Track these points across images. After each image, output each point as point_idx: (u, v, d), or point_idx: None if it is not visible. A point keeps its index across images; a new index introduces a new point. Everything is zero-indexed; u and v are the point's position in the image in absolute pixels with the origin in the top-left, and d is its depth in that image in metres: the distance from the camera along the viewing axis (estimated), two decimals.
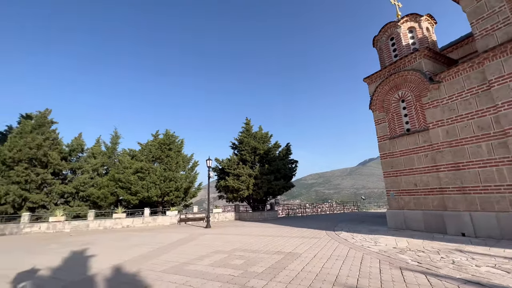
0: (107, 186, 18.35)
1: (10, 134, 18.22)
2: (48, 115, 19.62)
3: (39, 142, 17.27)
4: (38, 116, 19.15)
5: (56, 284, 4.85)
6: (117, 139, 22.01)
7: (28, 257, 7.49)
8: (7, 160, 16.39)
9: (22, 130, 17.97)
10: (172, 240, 9.92)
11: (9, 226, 13.79)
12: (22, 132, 17.90)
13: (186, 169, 21.44)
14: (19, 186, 16.01)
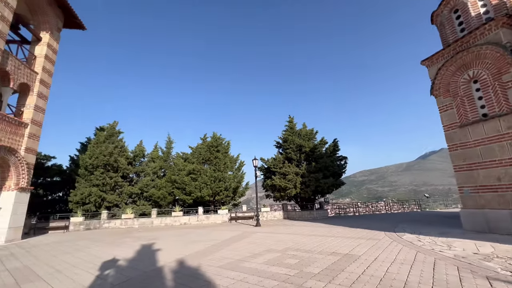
0: (165, 187, 20.30)
1: (89, 144, 21.63)
2: (116, 126, 22.67)
3: (110, 150, 20.08)
4: (109, 127, 22.29)
5: (133, 273, 5.52)
6: (170, 144, 24.18)
7: (109, 249, 8.74)
8: (88, 167, 19.50)
9: (98, 141, 21.14)
10: (225, 238, 10.39)
11: (93, 222, 16.40)
12: (98, 142, 21.05)
13: (234, 169, 22.26)
14: (98, 188, 18.91)
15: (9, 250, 9.38)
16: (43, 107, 13.78)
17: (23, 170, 12.16)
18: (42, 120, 13.69)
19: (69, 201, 19.16)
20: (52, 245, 10.22)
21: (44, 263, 6.83)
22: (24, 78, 12.68)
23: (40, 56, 13.95)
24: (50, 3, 14.36)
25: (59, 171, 21.50)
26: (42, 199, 20.48)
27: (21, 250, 9.27)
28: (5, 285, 5.03)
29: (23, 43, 14.38)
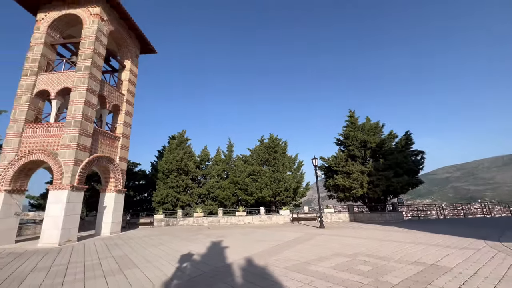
0: (228, 188, 21.64)
1: (164, 151, 24.93)
2: (184, 135, 25.45)
3: (181, 156, 22.64)
4: (179, 136, 25.21)
5: (206, 268, 6.03)
6: (231, 148, 25.66)
7: (185, 244, 9.81)
8: (165, 171, 22.45)
9: (170, 148, 24.14)
10: (289, 238, 10.32)
11: (171, 219, 18.78)
12: (171, 149, 24.04)
13: (292, 169, 22.04)
14: (173, 189, 21.58)
15: (113, 240, 11.57)
16: (130, 122, 16.58)
17: (119, 175, 14.86)
18: (130, 133, 16.48)
19: (152, 201, 22.44)
20: (143, 238, 12.10)
21: (138, 253, 8.13)
22: (115, 100, 15.54)
23: (125, 81, 16.87)
24: (130, 36, 17.23)
25: (143, 176, 25.46)
26: (133, 199, 24.58)
27: (121, 241, 11.30)
28: (112, 269, 6.20)
29: (113, 72, 17.64)
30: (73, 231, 11.31)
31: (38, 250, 9.49)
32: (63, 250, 9.27)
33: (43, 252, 8.97)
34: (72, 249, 9.34)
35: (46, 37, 14.07)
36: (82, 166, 11.98)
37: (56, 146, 12.00)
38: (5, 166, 11.86)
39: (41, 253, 8.78)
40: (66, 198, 11.00)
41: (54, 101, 13.32)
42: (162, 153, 25.77)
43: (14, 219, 11.83)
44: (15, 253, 8.83)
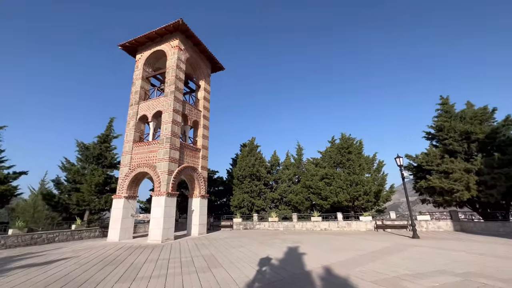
0: (301, 193, 21.29)
1: (237, 159, 26.77)
2: (254, 142, 26.72)
3: (252, 162, 23.80)
4: (249, 143, 26.64)
5: (284, 273, 6.04)
6: (301, 151, 25.30)
7: (263, 248, 10.14)
8: (239, 177, 24.03)
9: (243, 155, 25.72)
10: (374, 248, 9.26)
11: (248, 223, 19.82)
12: (243, 156, 25.61)
13: (371, 170, 19.88)
14: (248, 194, 22.81)
15: (201, 240, 13.07)
16: (207, 135, 18.64)
17: (202, 183, 16.81)
18: (208, 144, 18.50)
19: (230, 205, 24.28)
20: (225, 239, 13.19)
21: (222, 254, 8.91)
22: (195, 117, 17.80)
23: (201, 99, 19.16)
24: (202, 59, 19.56)
25: (221, 182, 27.93)
26: (214, 203, 27.24)
27: (207, 241, 12.65)
28: (202, 267, 6.99)
29: (191, 92, 20.32)
30: (170, 231, 13.41)
31: (147, 245, 11.65)
32: (164, 246, 11.07)
33: (151, 247, 10.95)
34: (171, 246, 11.04)
35: (143, 73, 17.53)
36: (173, 175, 14.15)
37: (154, 160, 14.61)
38: (122, 178, 15.22)
39: (150, 248, 10.73)
40: (164, 203, 13.18)
41: (151, 123, 16.33)
42: (236, 160, 27.69)
43: (131, 219, 14.97)
44: (133, 247, 11.10)
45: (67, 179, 18.85)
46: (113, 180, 19.17)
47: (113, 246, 11.45)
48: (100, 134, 20.31)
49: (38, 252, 10.23)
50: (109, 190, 18.76)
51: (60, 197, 18.10)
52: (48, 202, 17.96)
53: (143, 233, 18.34)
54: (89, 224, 17.04)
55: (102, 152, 19.43)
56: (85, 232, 15.58)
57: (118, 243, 12.60)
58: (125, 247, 11.23)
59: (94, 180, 17.74)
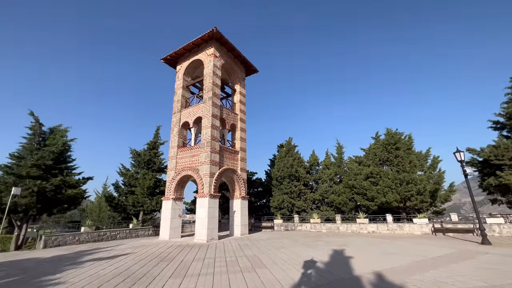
0: (344, 193, 20.24)
1: (275, 160, 26.75)
2: (291, 142, 26.39)
3: (291, 163, 23.52)
4: (286, 143, 26.40)
5: (331, 277, 5.79)
6: (341, 149, 24.11)
7: (306, 250, 9.89)
8: (278, 178, 23.95)
9: (280, 156, 25.59)
10: (434, 254, 8.30)
11: (289, 224, 19.59)
12: (280, 157, 25.48)
13: (425, 168, 17.94)
14: (288, 195, 22.58)
15: (243, 241, 13.34)
16: (245, 137, 19.03)
17: (241, 184, 17.20)
18: (246, 146, 18.88)
19: (270, 206, 24.32)
20: (266, 240, 13.23)
21: (265, 255, 8.95)
22: (232, 120, 18.35)
23: (237, 102, 19.67)
24: (237, 63, 20.10)
25: (260, 183, 28.19)
26: (254, 204, 27.61)
27: (250, 242, 12.85)
28: (246, 267, 7.12)
29: (227, 97, 21.01)
30: (214, 231, 14.00)
31: (194, 244, 12.34)
32: (209, 246, 11.58)
33: (197, 246, 11.57)
34: (215, 246, 11.50)
35: (183, 82, 18.75)
36: (215, 177, 14.76)
37: (197, 163, 15.45)
38: (169, 181, 16.43)
39: (196, 247, 11.35)
40: (207, 204, 13.84)
41: (192, 129, 17.34)
42: (273, 161, 27.68)
43: (179, 220, 16.05)
44: (181, 246, 11.88)
45: (123, 182, 21.12)
46: (161, 183, 20.84)
47: (164, 244, 12.39)
48: (149, 141, 22.31)
49: (104, 248, 11.63)
50: (158, 192, 20.43)
51: (119, 199, 20.37)
52: (109, 203, 20.35)
53: (189, 232, 19.51)
54: (143, 223, 18.79)
55: (151, 158, 21.29)
56: (140, 231, 17.22)
57: (169, 242, 13.61)
58: (174, 245, 12.06)
59: (145, 184, 19.52)
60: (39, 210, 14.45)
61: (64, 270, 7.14)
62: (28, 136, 15.70)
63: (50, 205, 14.83)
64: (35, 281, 6.08)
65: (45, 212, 15.22)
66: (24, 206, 13.33)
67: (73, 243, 13.43)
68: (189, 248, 11.08)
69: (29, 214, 14.14)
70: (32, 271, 7.35)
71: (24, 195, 13.28)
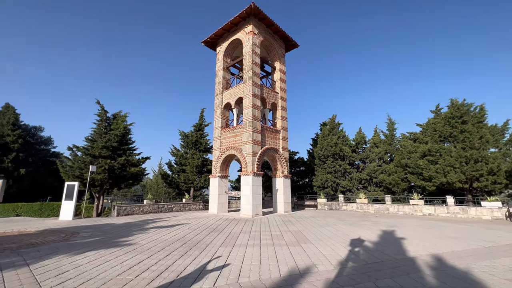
0: (395, 172, 18.72)
1: (317, 138, 25.93)
2: (335, 119, 25.06)
3: (335, 141, 22.52)
4: (330, 121, 25.19)
5: (382, 257, 5.55)
6: (392, 125, 21.98)
7: (352, 229, 9.62)
8: (321, 157, 23.31)
9: (323, 134, 24.66)
10: (509, 241, 7.24)
11: (334, 203, 19.23)
12: (323, 135, 24.56)
13: (500, 144, 15.26)
14: (331, 175, 21.95)
15: (287, 218, 13.62)
16: (286, 116, 18.71)
17: (283, 163, 17.25)
18: (287, 125, 18.62)
19: (313, 185, 24.09)
20: (310, 218, 13.29)
21: (309, 231, 9.01)
22: (272, 99, 18.11)
23: (277, 80, 19.20)
24: (276, 39, 19.36)
25: (302, 162, 27.90)
26: (296, 183, 27.66)
27: (293, 219, 13.06)
28: (291, 241, 7.29)
29: (267, 75, 20.62)
30: (259, 207, 14.57)
31: (240, 218, 13.09)
32: (255, 221, 12.15)
33: (243, 220, 12.24)
34: (260, 221, 12.01)
35: (223, 64, 18.96)
36: (257, 156, 15.08)
37: (240, 143, 15.92)
38: (215, 160, 17.39)
39: (242, 221, 12.02)
40: (251, 181, 14.34)
41: (234, 110, 17.71)
42: (316, 140, 26.89)
43: (225, 196, 17.11)
44: (229, 219, 12.72)
45: (175, 162, 23.20)
46: (208, 162, 22.25)
47: (214, 217, 13.44)
48: (195, 123, 23.69)
49: (163, 218, 13.18)
50: (206, 171, 21.93)
51: (172, 176, 22.57)
52: (165, 180, 22.71)
53: (235, 208, 20.73)
54: (194, 199, 20.59)
55: (198, 139, 22.71)
56: (192, 205, 18.96)
57: (217, 215, 14.71)
58: (222, 218, 12.99)
59: (194, 163, 21.08)
60: (111, 185, 16.95)
61: (134, 234, 8.34)
62: (97, 122, 18.12)
63: (119, 181, 17.26)
64: (114, 241, 7.26)
65: (115, 186, 17.80)
66: (100, 181, 15.78)
67: (138, 213, 15.53)
68: (236, 221, 11.80)
69: (104, 188, 16.72)
70: (110, 233, 8.78)
71: (98, 172, 15.67)
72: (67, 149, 17.17)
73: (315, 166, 24.00)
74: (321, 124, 27.33)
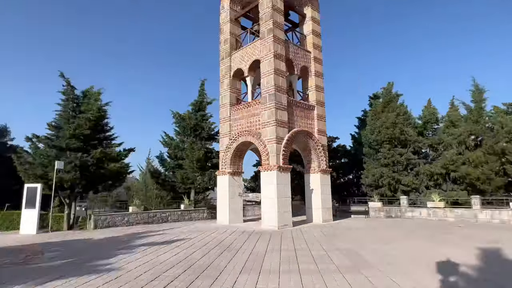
0: (485, 163, 17.40)
1: (366, 117, 24.73)
2: (391, 89, 23.67)
3: (392, 120, 21.33)
4: (384, 92, 23.88)
5: None
6: (480, 95, 20.25)
7: (431, 245, 8.88)
8: (372, 143, 22.26)
9: (375, 111, 23.46)
10: None
11: (393, 209, 18.37)
12: (375, 113, 23.36)
13: None
14: (389, 168, 20.93)
15: (328, 229, 12.99)
16: (322, 85, 17.75)
17: (320, 152, 16.47)
18: (324, 98, 17.68)
19: (360, 184, 23.21)
20: (362, 230, 12.67)
21: (368, 249, 8.33)
22: (302, 61, 17.16)
23: (308, 33, 18.12)
24: None
25: (344, 152, 26.99)
26: (336, 182, 26.86)
27: (338, 231, 12.45)
28: (344, 265, 6.63)
29: (294, 27, 19.53)
30: (287, 215, 14.05)
31: (262, 231, 12.63)
32: (283, 234, 11.64)
33: (267, 234, 11.76)
34: (291, 235, 11.49)
35: (230, 13, 18.08)
36: (283, 144, 14.39)
37: (257, 125, 15.26)
38: (224, 150, 16.91)
39: (266, 234, 11.54)
40: (276, 179, 13.75)
41: (248, 78, 16.95)
42: (364, 120, 25.77)
43: (239, 200, 16.75)
44: (246, 232, 12.31)
45: (169, 154, 23.07)
46: (213, 154, 21.91)
47: (225, 230, 13.10)
48: (193, 101, 23.25)
49: (156, 231, 13.00)
50: (211, 166, 21.63)
51: (166, 174, 22.50)
52: (156, 180, 22.73)
53: (252, 216, 20.42)
54: (195, 204, 20.44)
55: (198, 122, 22.32)
56: (194, 213, 18.81)
57: (229, 227, 14.37)
58: (238, 231, 12.62)
59: (194, 155, 20.79)
60: (85, 187, 17.01)
61: (117, 255, 8.06)
62: (62, 103, 18.08)
63: (95, 182, 17.28)
64: (90, 265, 6.97)
65: (91, 189, 17.89)
66: (69, 181, 15.84)
67: (122, 224, 15.54)
68: (257, 235, 11.36)
69: (76, 191, 16.82)
70: (85, 253, 8.58)
71: (67, 170, 15.71)
72: (25, 140, 17.33)
73: (363, 156, 23.11)
74: (371, 97, 26.17)
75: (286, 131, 14.77)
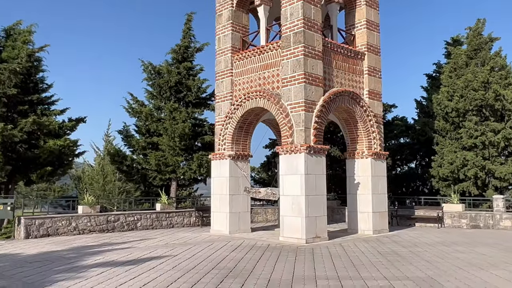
0: None
1: (441, 75, 23.84)
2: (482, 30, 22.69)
3: (483, 78, 20.51)
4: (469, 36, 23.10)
5: None
6: None
7: None
8: (450, 114, 21.51)
9: (455, 64, 22.73)
10: None
11: (481, 215, 17.98)
12: (456, 67, 22.71)
13: None
14: (475, 152, 20.30)
15: (385, 245, 12.59)
16: (377, 21, 16.96)
17: (372, 127, 15.94)
18: (379, 42, 16.95)
19: (430, 176, 22.61)
20: (438, 247, 12.33)
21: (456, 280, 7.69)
22: None
23: None
24: None
25: (405, 127, 26.27)
26: (391, 172, 26.29)
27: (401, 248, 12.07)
28: None
29: None
30: (320, 223, 13.74)
31: (281, 245, 12.38)
32: (316, 252, 11.25)
33: (290, 251, 11.41)
34: (329, 253, 11.13)
35: None
36: (317, 111, 13.87)
37: (275, 83, 14.71)
38: (222, 122, 16.32)
39: (287, 251, 11.22)
40: (304, 167, 13.27)
41: (260, 9, 16.21)
42: (437, 78, 25.08)
43: (245, 198, 16.27)
44: (257, 247, 12.07)
45: (138, 128, 22.61)
46: (206, 127, 21.46)
47: (224, 244, 12.87)
48: (174, 46, 22.55)
49: (118, 244, 12.79)
50: (201, 146, 21.22)
51: (134, 158, 22.10)
52: (118, 166, 22.41)
53: (264, 222, 20.21)
54: (179, 203, 20.10)
55: (182, 79, 21.72)
56: (176, 217, 18.53)
57: (230, 239, 14.13)
58: (244, 246, 12.38)
59: (176, 129, 20.26)
60: (10, 176, 16.73)
61: (57, 281, 7.62)
62: None
63: (25, 167, 16.99)
64: None
65: (20, 178, 17.59)
66: None
67: (68, 232, 15.37)
68: (275, 253, 11.09)
69: None
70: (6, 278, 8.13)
71: None
72: None
73: (434, 134, 22.69)
74: (448, 44, 25.77)
75: (320, 92, 14.29)
